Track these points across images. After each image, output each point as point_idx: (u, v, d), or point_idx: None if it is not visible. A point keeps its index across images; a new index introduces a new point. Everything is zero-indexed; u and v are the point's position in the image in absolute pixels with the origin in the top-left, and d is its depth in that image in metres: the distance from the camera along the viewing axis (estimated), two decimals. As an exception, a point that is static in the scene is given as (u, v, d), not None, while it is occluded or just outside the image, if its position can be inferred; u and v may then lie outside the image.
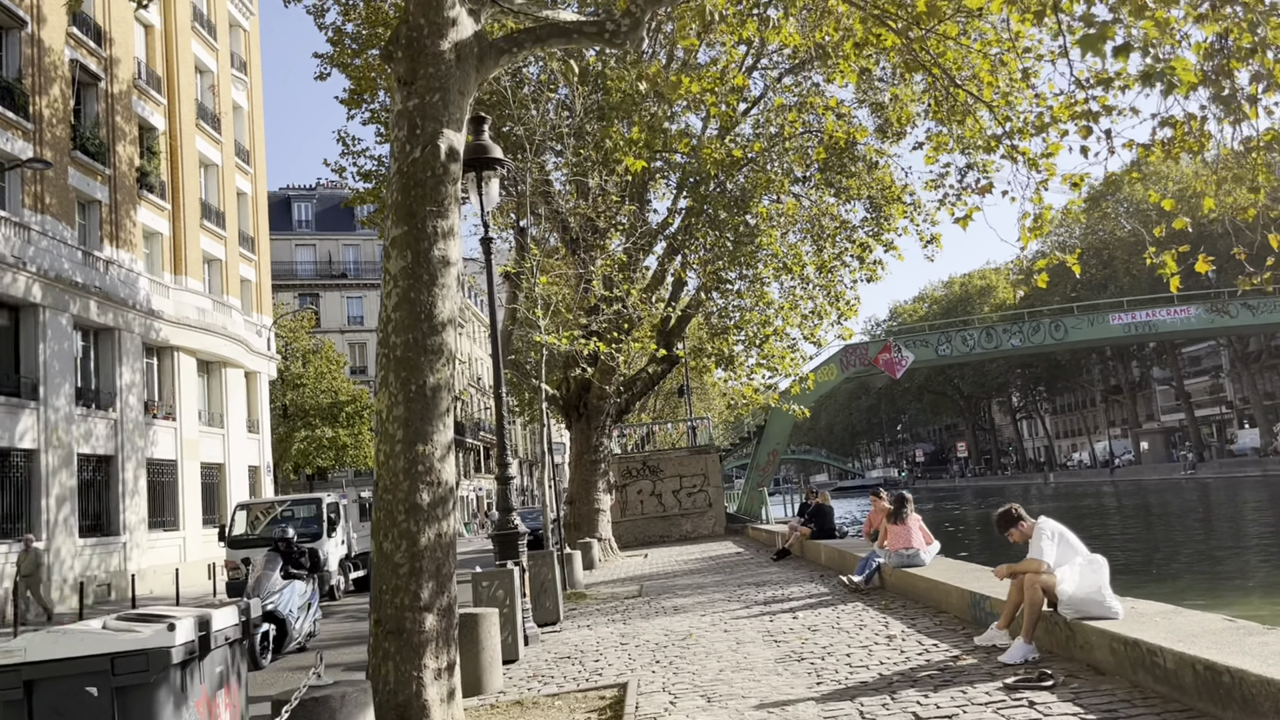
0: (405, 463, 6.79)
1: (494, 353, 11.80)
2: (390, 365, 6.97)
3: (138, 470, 28.84)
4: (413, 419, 6.85)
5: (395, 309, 7.02)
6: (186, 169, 33.06)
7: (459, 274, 7.36)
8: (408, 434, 6.82)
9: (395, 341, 6.99)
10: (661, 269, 24.27)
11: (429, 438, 6.85)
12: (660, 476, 31.96)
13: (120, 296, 28.24)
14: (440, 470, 6.87)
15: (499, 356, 11.86)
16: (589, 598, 16.03)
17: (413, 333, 6.95)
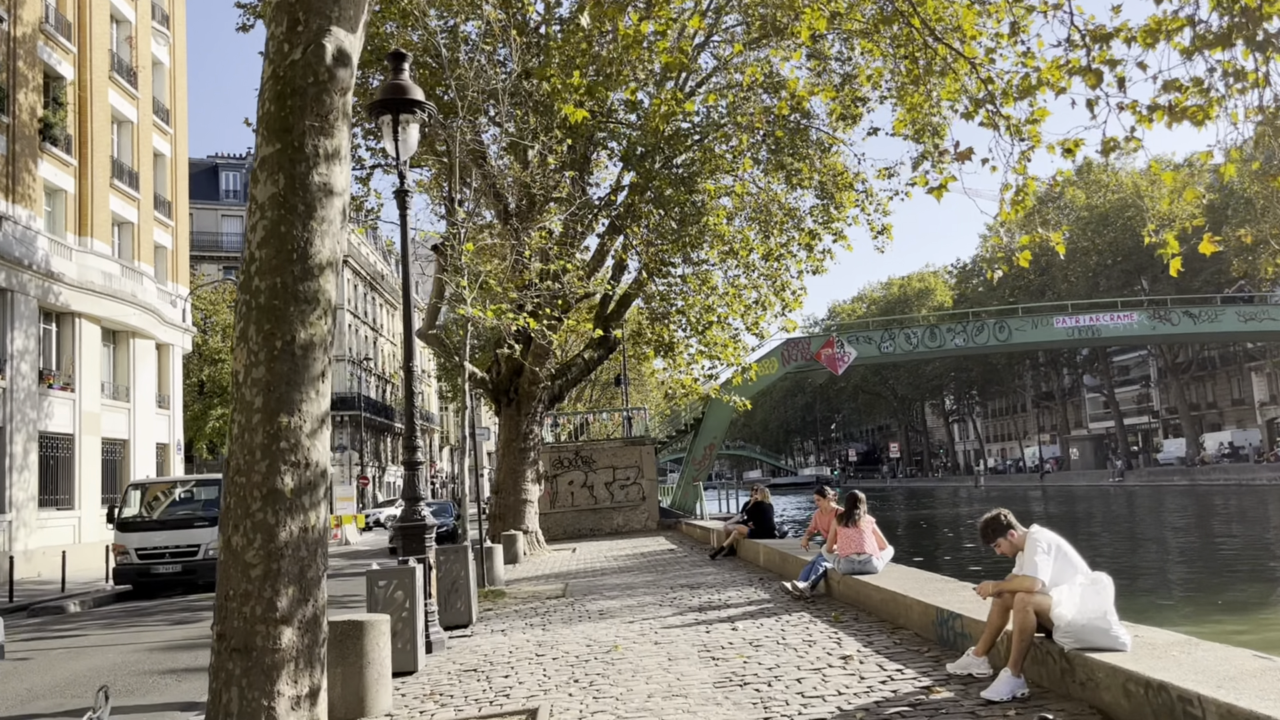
0: (264, 438, 5.42)
1: (405, 317, 10.41)
2: (251, 316, 5.59)
3: (28, 443, 26.72)
4: (276, 383, 5.48)
5: (260, 245, 5.64)
6: (97, 124, 30.84)
7: (346, 209, 5.99)
8: (269, 402, 5.45)
9: (259, 286, 5.61)
10: (602, 249, 22.99)
11: (296, 407, 5.49)
12: (593, 468, 30.68)
13: (14, 255, 26.08)
14: (309, 449, 5.51)
15: (409, 321, 10.46)
16: (508, 596, 14.69)
17: (281, 275, 5.57)
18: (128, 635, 14.12)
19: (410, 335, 10.46)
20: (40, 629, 15.61)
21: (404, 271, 10.49)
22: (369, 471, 64.24)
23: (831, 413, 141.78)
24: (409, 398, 10.46)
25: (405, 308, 10.45)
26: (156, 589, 20.28)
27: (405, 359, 10.41)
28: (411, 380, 10.42)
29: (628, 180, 22.27)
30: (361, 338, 69.04)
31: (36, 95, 28.04)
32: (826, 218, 23.60)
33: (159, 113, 36.08)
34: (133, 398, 32.89)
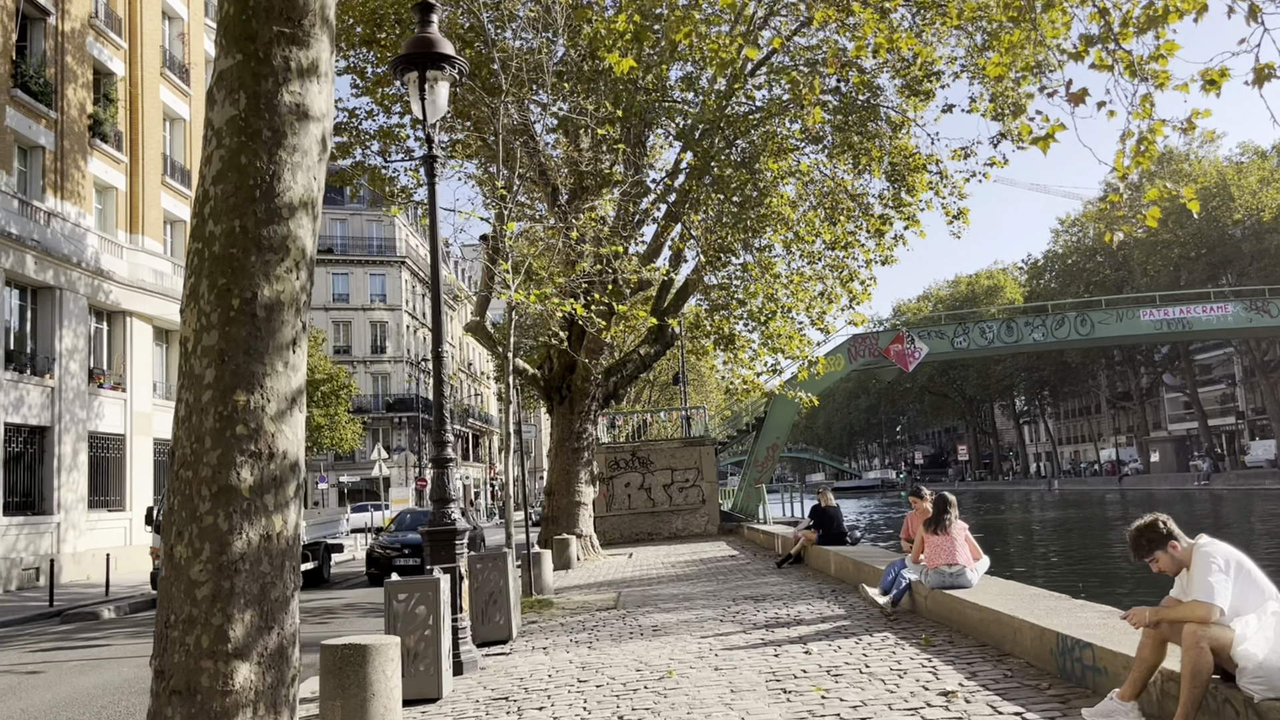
0: (215, 420, 4.28)
1: (434, 295, 9.27)
2: (203, 269, 4.46)
3: (77, 444, 26.30)
4: (232, 352, 4.32)
5: (215, 181, 4.50)
6: (148, 121, 30.46)
7: (327, 140, 4.83)
8: (222, 375, 4.30)
9: (212, 231, 4.47)
10: (659, 239, 21.76)
11: (257, 382, 4.34)
12: (651, 469, 29.46)
13: (62, 252, 25.67)
14: (273, 434, 4.35)
15: (438, 300, 9.34)
16: (555, 607, 13.53)
17: (240, 217, 4.43)
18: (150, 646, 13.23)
19: (438, 315, 9.33)
20: (65, 637, 14.83)
21: (432, 244, 9.37)
22: (428, 473, 63.74)
23: (896, 415, 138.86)
24: (438, 385, 9.34)
25: (434, 284, 9.32)
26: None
27: (434, 341, 9.28)
28: (441, 366, 9.29)
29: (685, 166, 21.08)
30: (420, 339, 68.73)
31: (86, 91, 27.68)
32: (897, 202, 22.21)
33: (212, 110, 35.66)
34: (185, 398, 32.41)
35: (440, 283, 9.35)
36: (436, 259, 9.38)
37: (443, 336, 9.42)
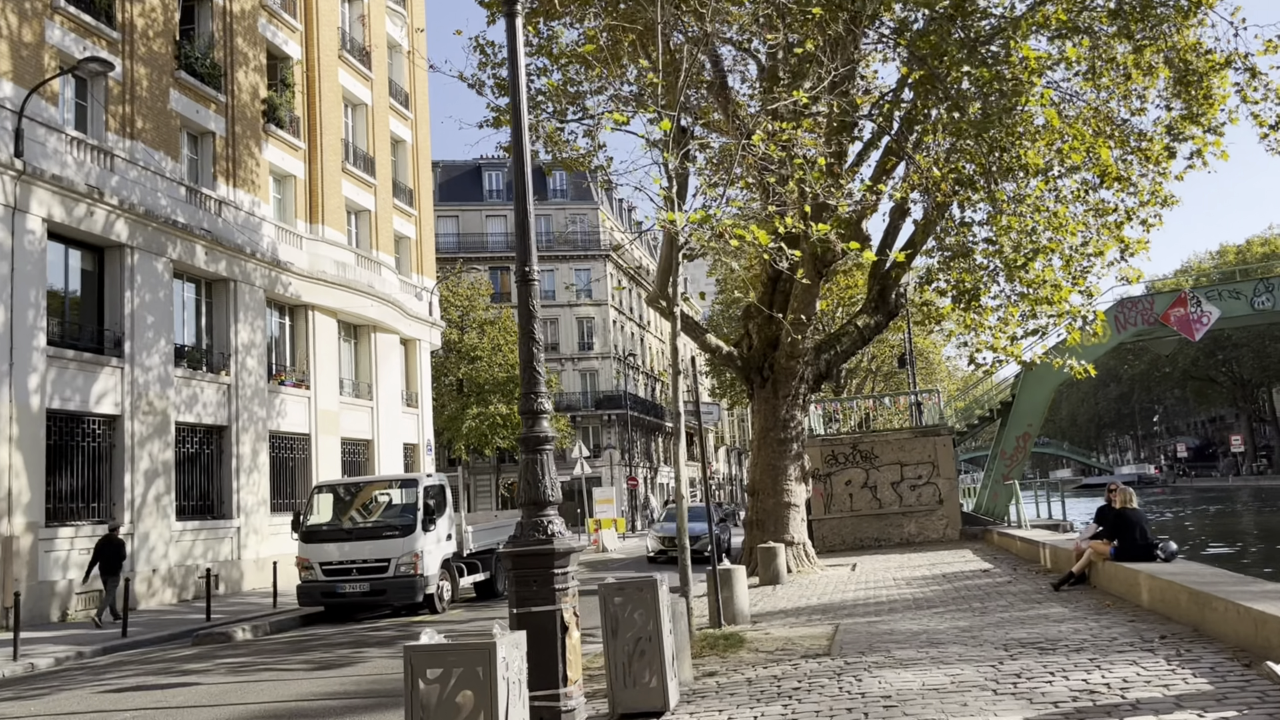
0: None
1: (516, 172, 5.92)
2: None
3: (257, 444, 24.97)
4: None
5: None
6: (326, 106, 29.12)
7: None
8: None
9: None
10: (875, 187, 17.59)
11: None
12: (875, 464, 25.18)
13: (235, 242, 24.38)
14: None
15: (523, 182, 5.94)
16: (745, 648, 9.87)
17: None
18: (248, 685, 10.65)
19: (524, 204, 5.94)
20: (167, 668, 12.55)
21: (514, 99, 5.97)
22: (639, 472, 61.44)
23: (1152, 403, 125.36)
24: (525, 322, 5.92)
25: (516, 154, 5.92)
26: (345, 611, 17.17)
27: (519, 262, 5.89)
28: (529, 293, 5.89)
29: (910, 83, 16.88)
30: (627, 334, 66.61)
31: (259, 75, 26.46)
32: (1189, 114, 17.20)
33: (396, 96, 34.32)
34: (376, 395, 31.02)
35: (525, 160, 5.93)
36: (520, 120, 5.96)
37: (531, 255, 6.01)
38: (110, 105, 21.25)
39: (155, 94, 22.43)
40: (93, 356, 20.16)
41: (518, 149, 6.15)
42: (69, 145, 19.89)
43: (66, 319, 20.14)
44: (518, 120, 6.25)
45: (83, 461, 19.96)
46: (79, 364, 19.74)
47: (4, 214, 17.97)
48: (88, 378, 19.93)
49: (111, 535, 18.03)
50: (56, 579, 18.71)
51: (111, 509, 20.41)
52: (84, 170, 20.12)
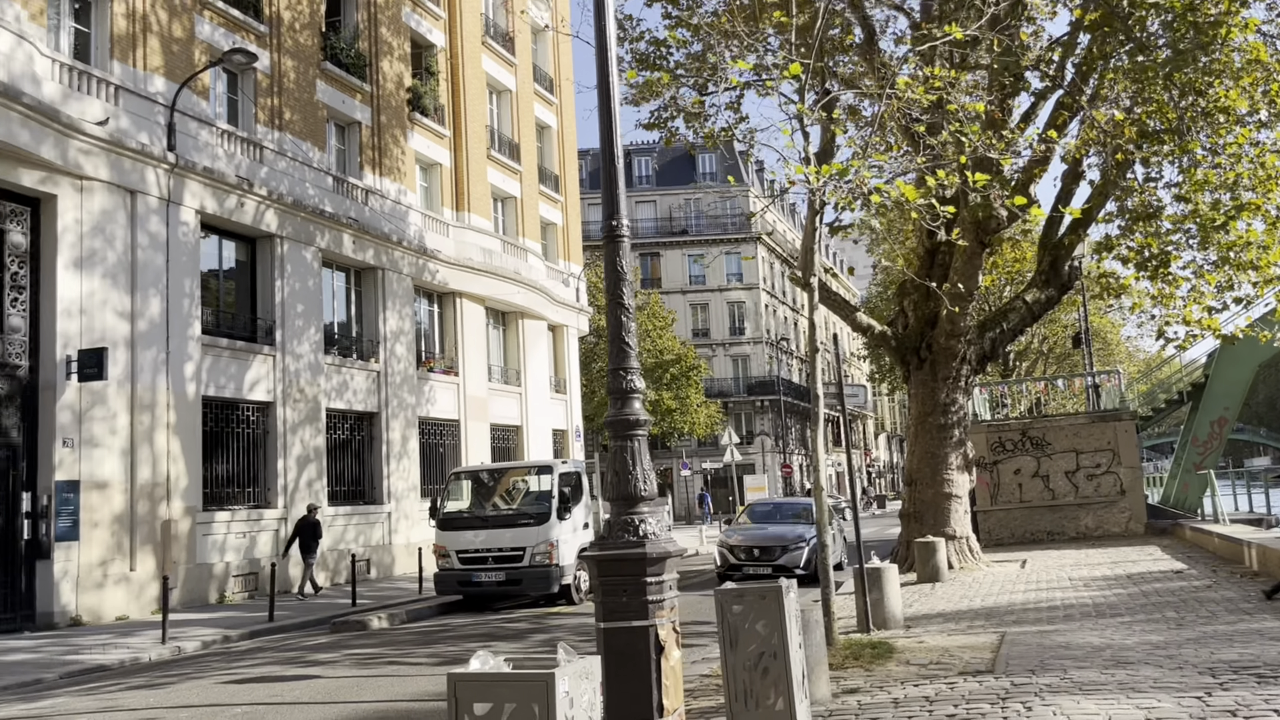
0: None
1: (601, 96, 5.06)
2: None
3: (407, 430, 25.15)
4: None
5: None
6: (470, 93, 29.09)
7: None
8: None
9: None
10: (1046, 134, 15.88)
11: None
12: (1047, 451, 23.22)
13: (382, 231, 24.55)
14: None
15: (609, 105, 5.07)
16: (895, 659, 8.77)
17: None
18: (367, 680, 10.29)
19: (610, 149, 5.09)
20: (292, 658, 12.37)
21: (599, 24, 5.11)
22: (794, 459, 59.94)
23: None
24: (613, 287, 5.07)
25: (602, 95, 5.07)
26: (482, 600, 16.83)
27: (605, 214, 5.04)
28: (617, 252, 5.04)
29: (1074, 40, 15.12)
30: (780, 318, 65.08)
31: (403, 64, 26.60)
32: None
33: (540, 81, 34.12)
34: (524, 381, 30.95)
35: (613, 99, 5.07)
36: (606, 45, 5.10)
37: (619, 207, 5.15)
38: (259, 98, 21.63)
39: (302, 85, 22.74)
40: (245, 344, 20.58)
41: (604, 90, 5.31)
42: (219, 138, 20.31)
43: (220, 308, 20.62)
44: (603, 54, 5.39)
45: (238, 447, 20.40)
46: (232, 352, 20.17)
47: (159, 206, 18.44)
48: (241, 365, 20.35)
49: (308, 515, 19.42)
50: (214, 561, 19.17)
51: (266, 494, 20.83)
52: (234, 162, 20.53)
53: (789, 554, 17.25)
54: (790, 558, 17.15)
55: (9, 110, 15.20)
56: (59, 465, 16.15)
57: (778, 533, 18.12)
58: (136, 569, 17.24)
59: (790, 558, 17.15)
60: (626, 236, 5.29)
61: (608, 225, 5.32)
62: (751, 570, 16.82)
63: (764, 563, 17.06)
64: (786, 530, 18.16)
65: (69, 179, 16.77)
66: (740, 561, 17.43)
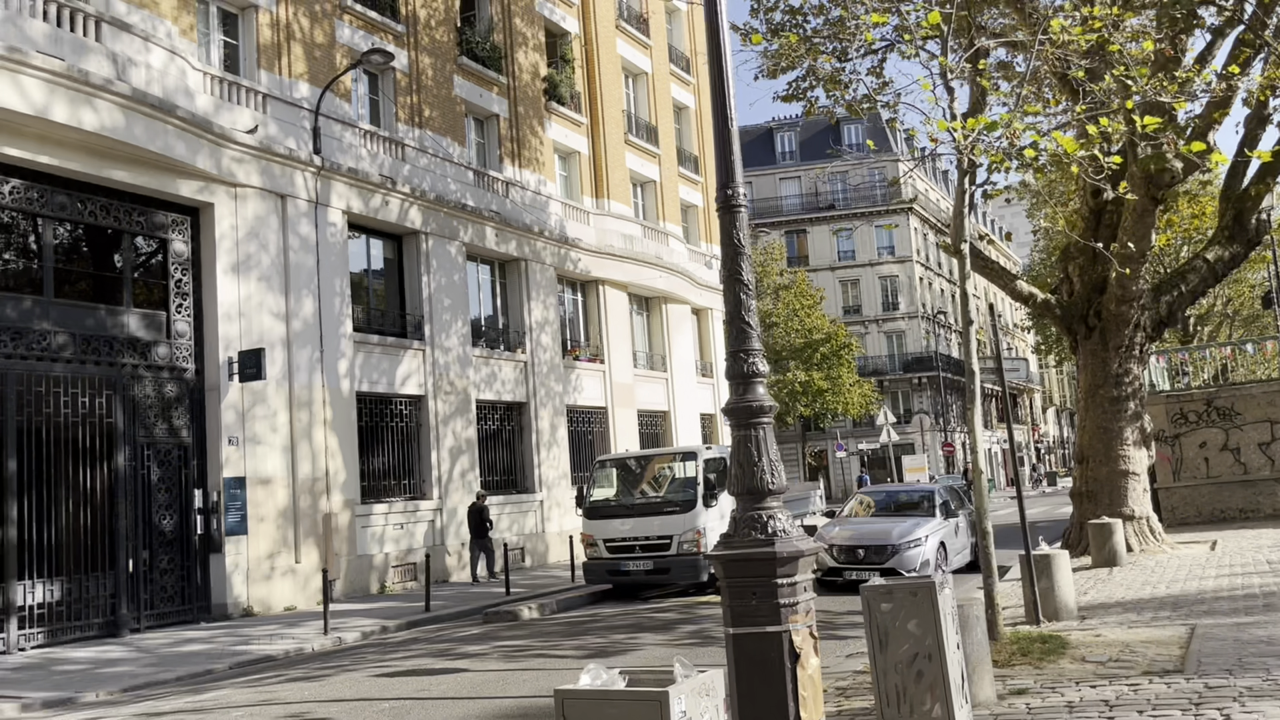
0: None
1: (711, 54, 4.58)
2: None
3: (555, 418, 25.31)
4: None
5: None
6: (606, 78, 28.98)
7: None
8: None
9: None
10: (1226, 71, 14.41)
11: None
12: (1237, 422, 21.36)
13: (523, 223, 24.72)
14: None
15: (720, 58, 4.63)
16: (1070, 654, 8.02)
17: None
18: (512, 674, 10.21)
19: (724, 110, 4.65)
20: (443, 649, 12.45)
21: None
22: (955, 438, 57.76)
23: None
24: (731, 262, 4.65)
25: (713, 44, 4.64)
26: (631, 590, 16.65)
27: (720, 183, 4.61)
28: (733, 223, 4.60)
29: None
30: (936, 291, 62.75)
31: (538, 54, 26.68)
32: None
33: (677, 62, 33.72)
34: (670, 366, 30.75)
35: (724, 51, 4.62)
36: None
37: (733, 174, 4.71)
38: (398, 97, 22.04)
39: (440, 82, 23.06)
40: (396, 340, 21.05)
41: (714, 47, 4.86)
42: (362, 138, 20.78)
43: (370, 305, 21.15)
44: (712, 5, 4.94)
45: (392, 441, 20.91)
46: (383, 348, 20.65)
47: (307, 209, 19.00)
48: (392, 361, 20.83)
49: (476, 503, 20.37)
50: (374, 553, 19.71)
51: (421, 485, 21.29)
52: (377, 161, 20.98)
53: (900, 555, 14.52)
54: (902, 559, 14.44)
55: (165, 124, 15.87)
56: (226, 462, 16.86)
57: (886, 528, 15.28)
58: (301, 561, 17.86)
59: (902, 559, 14.44)
60: (743, 206, 4.85)
61: (723, 195, 4.90)
62: (854, 576, 14.22)
63: (869, 566, 14.24)
64: (898, 525, 15.34)
65: (224, 187, 17.44)
66: (840, 564, 14.79)
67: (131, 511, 15.53)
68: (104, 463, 15.41)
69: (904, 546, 14.65)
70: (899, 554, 14.54)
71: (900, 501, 17.19)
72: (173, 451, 16.49)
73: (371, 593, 19.29)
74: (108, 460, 15.44)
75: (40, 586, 14.24)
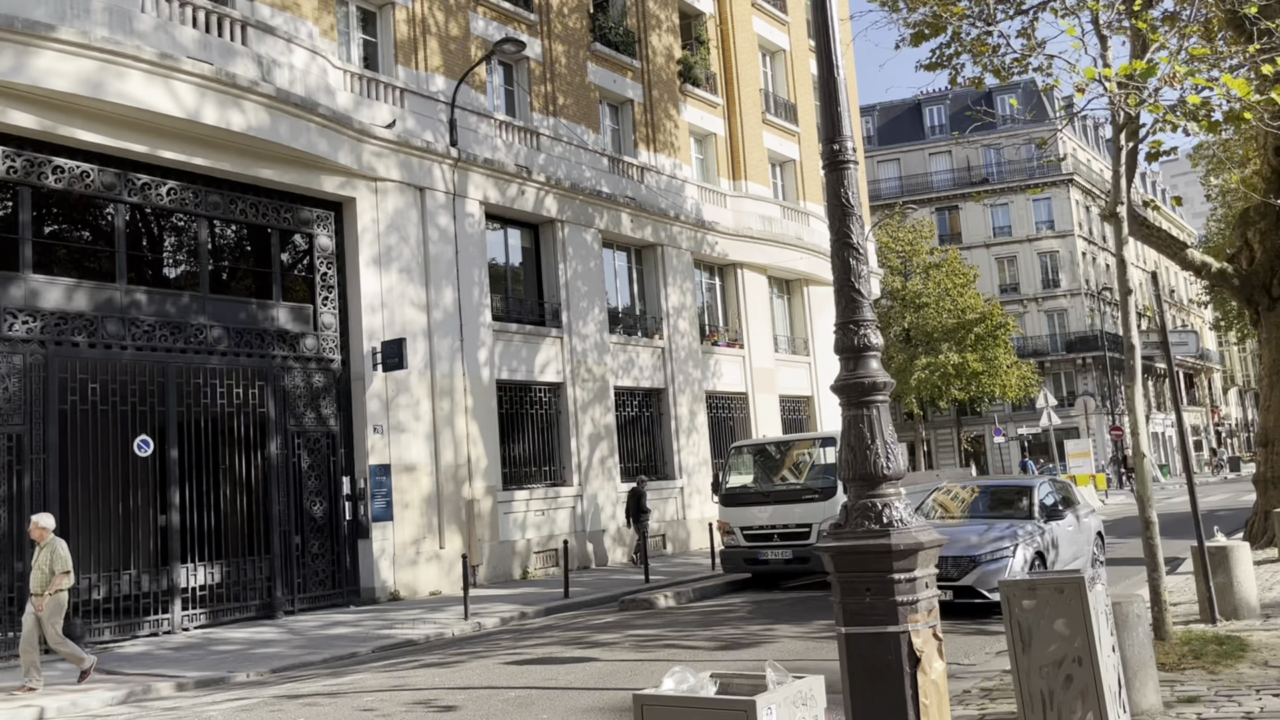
0: None
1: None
2: None
3: (694, 405, 25.03)
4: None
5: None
6: (742, 58, 28.42)
7: None
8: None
9: None
10: None
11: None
12: None
13: (659, 208, 24.50)
14: None
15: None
16: (1250, 658, 7.19)
17: None
18: (641, 665, 10.00)
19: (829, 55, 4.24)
20: (575, 638, 12.33)
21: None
22: (1123, 421, 54.50)
23: None
24: (839, 224, 4.22)
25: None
26: (770, 579, 16.19)
27: (826, 134, 4.20)
28: (841, 181, 4.19)
29: None
30: (1100, 267, 59.32)
31: (672, 36, 26.37)
32: None
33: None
34: (812, 350, 30.03)
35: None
36: None
37: (841, 127, 4.28)
38: (532, 86, 22.12)
39: (573, 69, 23.04)
40: (534, 328, 21.17)
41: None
42: (497, 129, 20.95)
43: (508, 294, 21.33)
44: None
45: (532, 428, 21.06)
46: (522, 336, 20.80)
47: (445, 201, 19.27)
48: (531, 349, 20.96)
49: (635, 488, 20.87)
50: (516, 539, 19.90)
51: (561, 472, 21.39)
52: (513, 151, 21.12)
53: (980, 569, 11.27)
54: (983, 575, 11.22)
55: (308, 122, 16.33)
56: (371, 450, 17.29)
57: (964, 534, 11.98)
58: (445, 547, 18.18)
59: (983, 575, 11.22)
60: (852, 162, 4.41)
61: (828, 150, 4.47)
62: None
63: (943, 583, 10.61)
64: (980, 530, 12.09)
65: (364, 181, 17.85)
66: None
67: (284, 498, 16.10)
68: (257, 451, 16.02)
69: (985, 558, 11.32)
70: (978, 568, 11.28)
71: (993, 498, 13.85)
72: (321, 440, 17.01)
73: (514, 578, 19.49)
74: (261, 449, 16.04)
75: (201, 569, 14.93)
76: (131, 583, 14.30)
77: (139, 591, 14.29)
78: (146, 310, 14.89)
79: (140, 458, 14.33)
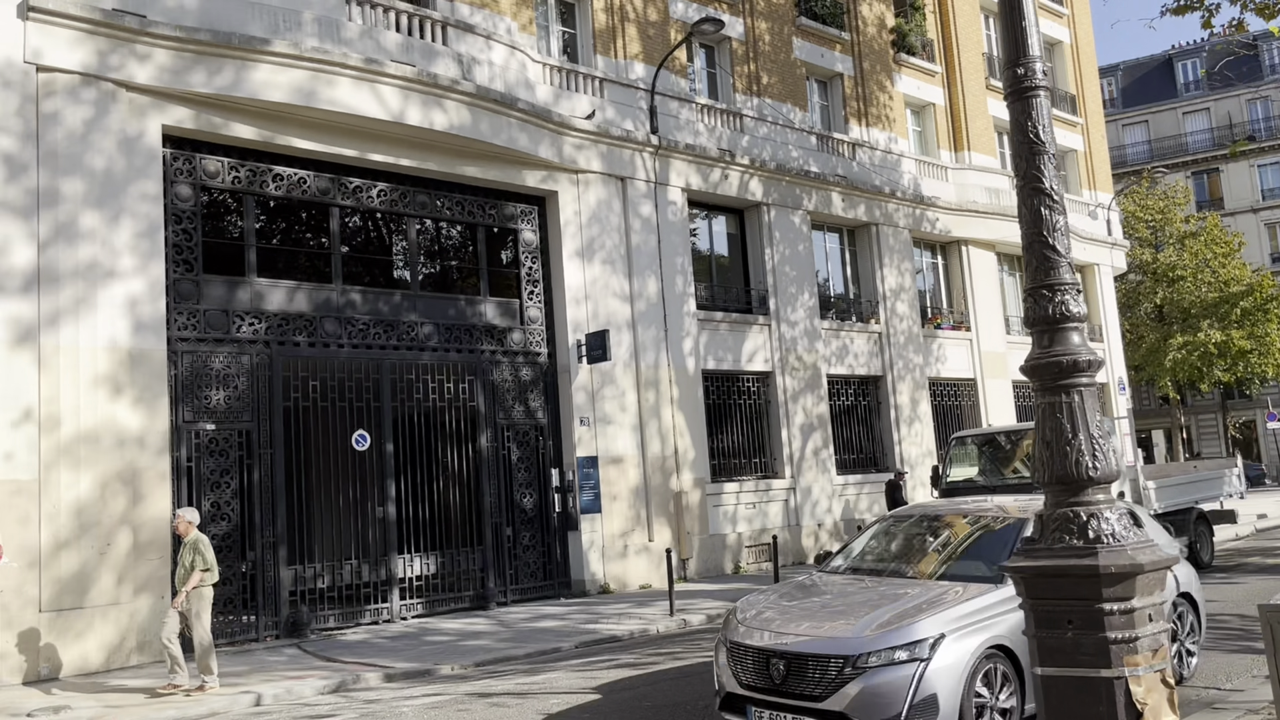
0: None
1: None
2: None
3: (915, 392, 23.63)
4: None
5: None
6: (961, 20, 26.61)
7: None
8: None
9: None
10: None
11: None
12: None
13: (872, 185, 23.26)
14: None
15: None
16: None
17: None
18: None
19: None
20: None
21: None
22: None
23: None
24: (1027, 162, 3.37)
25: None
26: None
27: (1008, 57, 3.36)
28: (1028, 111, 3.34)
29: None
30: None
31: (883, 4, 25.02)
32: None
33: (1045, -9, 30.32)
34: (1049, 331, 27.72)
35: None
36: None
37: (1026, 46, 3.43)
38: (735, 66, 21.48)
39: (777, 46, 22.21)
40: (740, 316, 20.55)
41: None
42: (698, 113, 20.45)
43: (713, 282, 20.81)
44: None
45: (740, 419, 20.46)
46: (728, 324, 20.23)
47: (647, 190, 18.99)
48: (737, 337, 20.36)
49: (894, 480, 20.44)
50: (726, 532, 19.39)
51: (772, 464, 20.68)
52: (715, 135, 20.57)
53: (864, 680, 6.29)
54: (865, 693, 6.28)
55: (508, 117, 16.43)
56: (578, 442, 17.25)
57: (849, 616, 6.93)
58: (654, 539, 17.92)
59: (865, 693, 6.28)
60: (1042, 88, 3.52)
61: (1010, 75, 3.61)
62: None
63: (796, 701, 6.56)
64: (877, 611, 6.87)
65: (565, 174, 17.82)
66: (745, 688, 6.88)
67: (495, 490, 16.30)
68: (468, 444, 16.29)
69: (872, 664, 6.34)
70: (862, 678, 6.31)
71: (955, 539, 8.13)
72: (529, 432, 17.12)
73: (726, 572, 18.99)
74: (471, 441, 16.31)
75: (418, 560, 15.33)
76: (353, 572, 14.87)
77: (360, 581, 14.83)
78: (361, 309, 15.43)
79: (358, 452, 14.86)
